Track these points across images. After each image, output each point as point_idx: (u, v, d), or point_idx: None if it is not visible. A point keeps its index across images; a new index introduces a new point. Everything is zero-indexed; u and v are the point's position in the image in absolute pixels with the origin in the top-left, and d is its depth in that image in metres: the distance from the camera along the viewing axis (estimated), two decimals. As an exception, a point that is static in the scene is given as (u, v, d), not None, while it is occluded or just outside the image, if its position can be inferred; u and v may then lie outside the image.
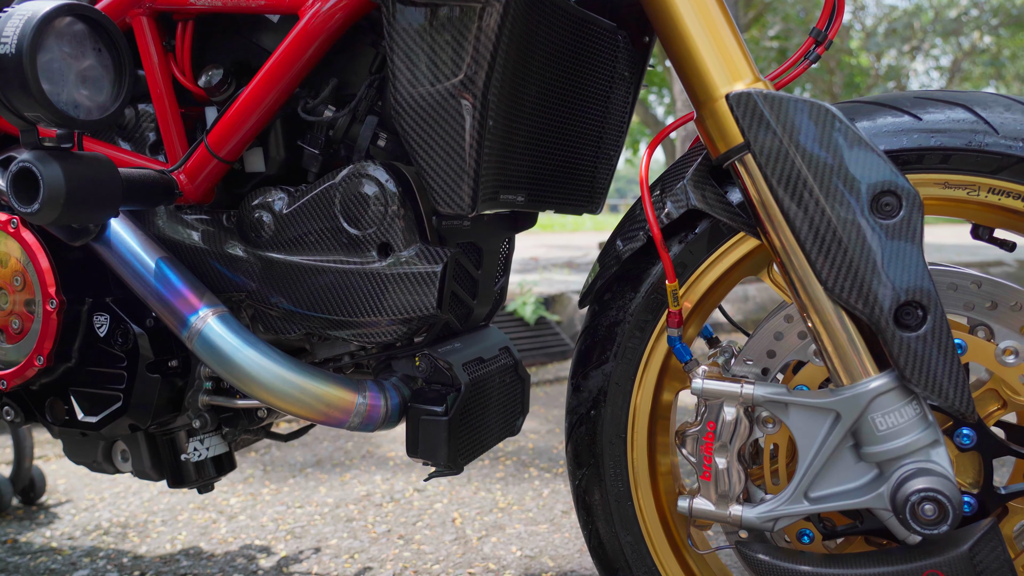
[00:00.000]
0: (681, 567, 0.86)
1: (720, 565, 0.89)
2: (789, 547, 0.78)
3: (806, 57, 0.79)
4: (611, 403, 0.86)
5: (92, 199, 0.78)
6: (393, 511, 1.68)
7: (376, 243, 0.84)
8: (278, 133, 0.90)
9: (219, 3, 0.86)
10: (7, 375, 0.97)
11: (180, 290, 0.88)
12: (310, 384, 0.86)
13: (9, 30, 0.71)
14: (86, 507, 1.74)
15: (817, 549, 0.78)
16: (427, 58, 0.71)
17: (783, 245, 0.71)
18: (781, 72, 0.80)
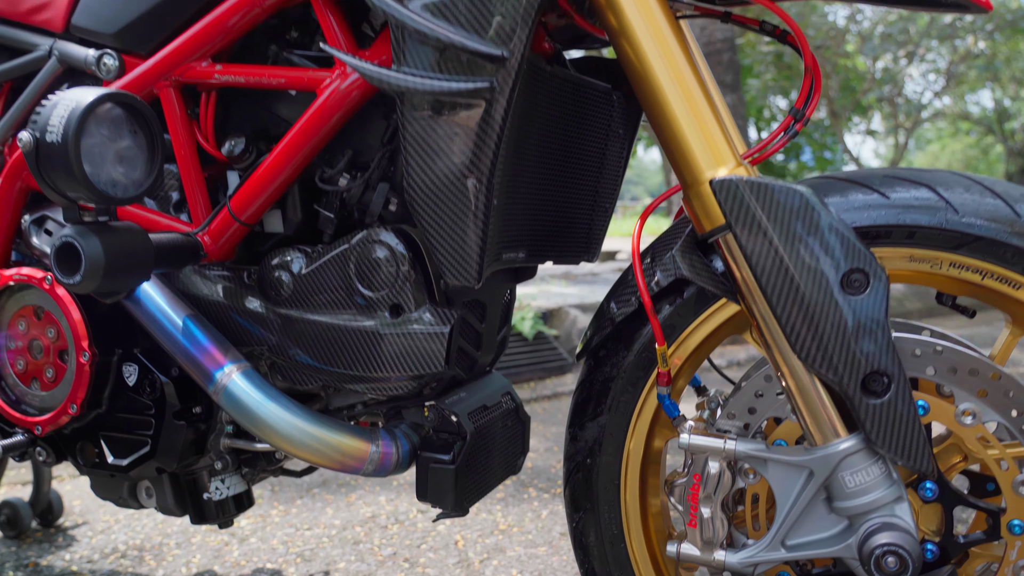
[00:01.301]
0: (671, 604, 0.92)
1: (707, 600, 0.96)
2: (769, 588, 0.85)
3: (785, 133, 0.86)
4: (606, 452, 0.93)
5: (128, 268, 0.84)
6: (398, 533, 1.74)
7: (388, 304, 0.91)
8: (296, 198, 0.97)
9: (241, 79, 0.93)
10: (42, 421, 1.04)
11: (206, 347, 0.95)
12: (328, 435, 0.92)
13: (55, 119, 0.78)
14: (102, 529, 1.80)
15: (795, 591, 0.85)
16: (437, 145, 0.77)
17: (760, 315, 0.78)
18: (761, 148, 0.87)
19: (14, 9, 1.12)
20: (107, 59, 0.99)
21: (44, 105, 0.79)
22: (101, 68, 1.00)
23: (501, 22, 0.73)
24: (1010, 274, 0.77)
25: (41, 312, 1.03)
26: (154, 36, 0.97)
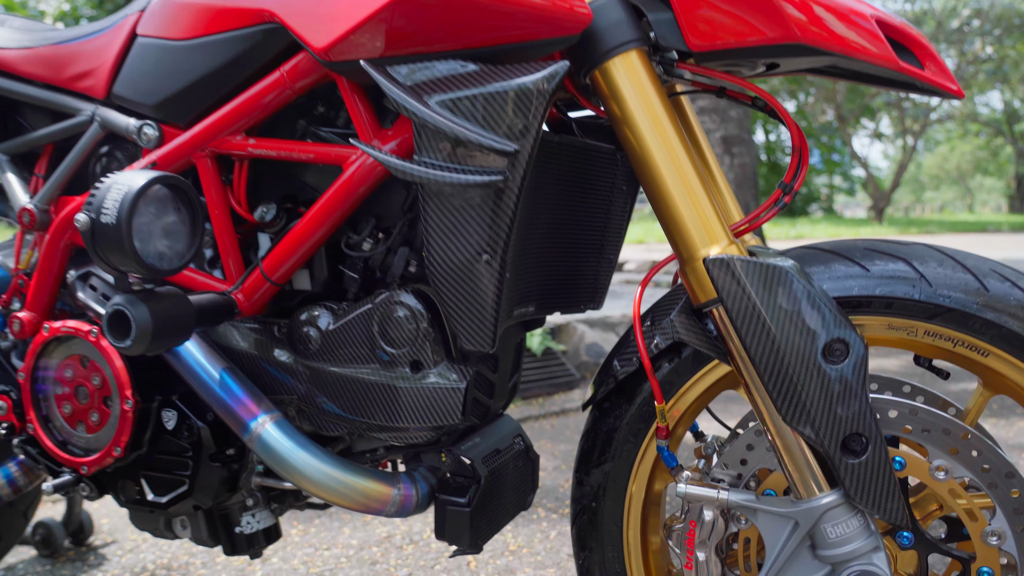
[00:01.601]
0: (670, 637, 1.00)
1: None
2: (760, 625, 0.93)
3: (776, 205, 0.94)
4: (609, 496, 1.00)
5: (172, 331, 0.92)
6: (413, 554, 1.82)
7: (408, 360, 0.98)
8: (322, 259, 1.05)
9: (272, 153, 1.01)
10: (88, 462, 1.12)
11: (240, 398, 1.03)
12: (354, 481, 1.00)
13: (109, 203, 0.86)
14: (131, 548, 1.89)
15: (783, 627, 0.92)
16: (454, 226, 0.85)
17: (748, 378, 0.85)
18: (752, 218, 0.94)
19: (58, 75, 1.20)
20: (147, 129, 1.08)
21: (98, 188, 0.87)
22: (142, 137, 1.08)
23: (513, 119, 0.81)
24: (979, 343, 0.85)
25: (87, 361, 1.12)
26: (192, 110, 1.05)
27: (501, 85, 0.81)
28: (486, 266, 0.86)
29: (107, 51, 1.15)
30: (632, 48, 0.86)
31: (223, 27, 0.99)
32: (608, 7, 0.87)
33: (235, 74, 1.00)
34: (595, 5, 0.87)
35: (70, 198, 1.17)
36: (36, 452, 1.17)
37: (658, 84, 0.87)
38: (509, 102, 0.81)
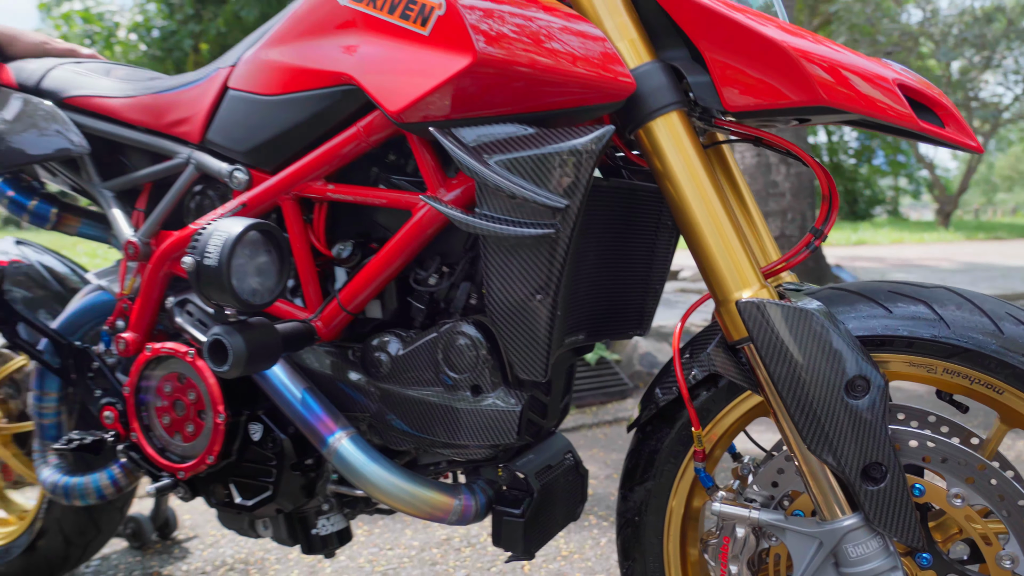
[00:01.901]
0: (706, 642, 1.09)
1: (738, 640, 1.12)
2: (788, 634, 1.01)
3: (807, 248, 1.02)
4: (651, 511, 1.10)
5: (262, 357, 1.05)
6: (470, 556, 1.94)
7: (469, 385, 1.09)
8: (393, 291, 1.17)
9: (349, 197, 1.13)
10: (184, 468, 1.26)
11: (319, 415, 1.15)
12: (420, 492, 1.12)
13: (212, 247, 0.98)
14: (211, 543, 2.04)
15: (810, 637, 1.00)
16: (511, 270, 0.95)
17: (776, 409, 0.93)
18: (785, 259, 1.03)
19: (157, 121, 1.34)
20: (238, 173, 1.21)
21: (201, 233, 1.00)
22: (233, 180, 1.21)
23: (564, 177, 0.91)
24: (995, 381, 0.92)
25: (184, 378, 1.25)
26: (278, 157, 1.17)
27: (554, 147, 0.91)
28: (539, 305, 0.97)
29: (201, 101, 1.28)
30: (672, 110, 0.96)
31: (307, 86, 1.11)
32: (651, 73, 0.96)
33: (317, 127, 1.12)
34: (638, 71, 0.96)
35: (168, 232, 1.31)
36: (139, 457, 1.31)
37: (696, 142, 0.96)
38: (561, 162, 0.91)
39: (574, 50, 0.93)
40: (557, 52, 0.92)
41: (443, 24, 0.93)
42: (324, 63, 1.08)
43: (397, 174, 1.14)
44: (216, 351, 1.02)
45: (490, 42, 0.91)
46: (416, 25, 0.96)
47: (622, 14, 0.98)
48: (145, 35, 12.66)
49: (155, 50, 12.66)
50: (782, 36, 0.91)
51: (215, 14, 12.09)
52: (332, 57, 1.07)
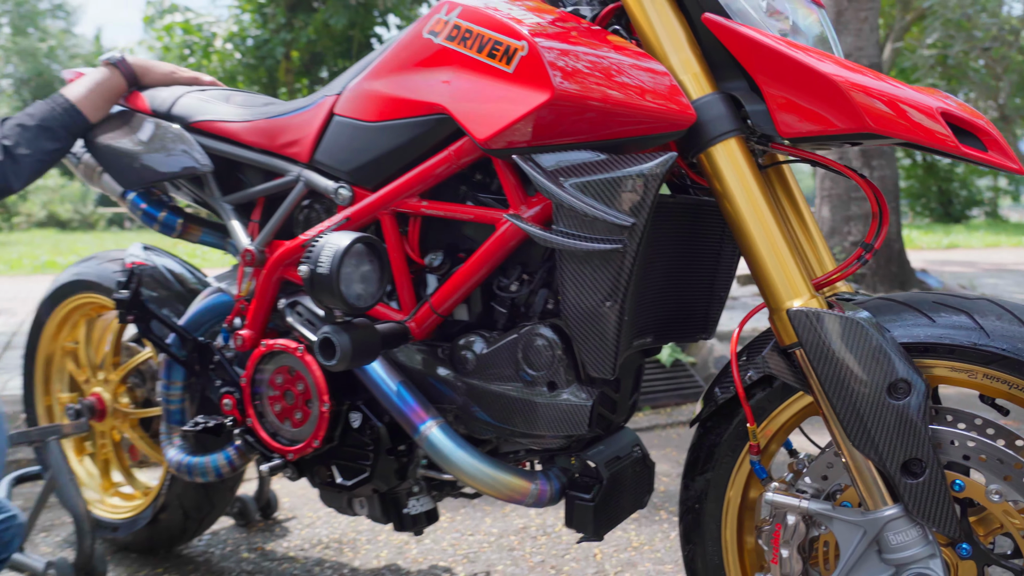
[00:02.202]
0: (760, 621, 1.19)
1: (792, 621, 1.21)
2: (835, 615, 1.10)
3: (858, 260, 1.11)
4: (711, 499, 1.20)
5: (364, 353, 1.20)
6: (546, 544, 2.06)
7: (546, 381, 1.21)
8: (478, 296, 1.30)
9: (440, 212, 1.27)
10: (293, 450, 1.42)
11: (412, 405, 1.29)
12: (501, 476, 1.25)
13: (324, 257, 1.14)
14: (308, 524, 2.23)
15: (856, 618, 1.09)
16: (584, 280, 1.08)
17: (825, 408, 1.03)
18: (833, 273, 1.12)
19: (271, 143, 1.51)
20: (342, 190, 1.36)
21: (314, 245, 1.15)
22: (338, 196, 1.37)
23: (631, 198, 1.02)
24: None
25: (294, 371, 1.42)
26: (378, 177, 1.32)
27: (622, 172, 1.03)
28: (608, 310, 1.08)
29: (310, 125, 1.44)
30: (731, 137, 1.06)
31: (404, 114, 1.25)
32: (711, 103, 1.07)
33: (412, 151, 1.26)
34: (700, 102, 1.07)
35: (280, 242, 1.48)
36: (253, 440, 1.48)
37: (752, 165, 1.07)
38: (628, 185, 1.03)
39: (641, 85, 1.04)
40: (626, 87, 1.03)
41: (525, 63, 1.06)
42: (420, 94, 1.22)
43: (483, 192, 1.27)
44: (326, 347, 1.18)
45: (566, 79, 1.03)
46: (501, 63, 1.09)
47: (686, 50, 1.09)
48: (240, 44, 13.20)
49: (249, 58, 13.19)
50: (832, 69, 1.00)
51: (306, 22, 12.54)
52: (427, 89, 1.21)
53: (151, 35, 14.23)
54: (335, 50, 13.13)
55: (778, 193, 1.25)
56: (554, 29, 1.10)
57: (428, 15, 1.24)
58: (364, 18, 12.63)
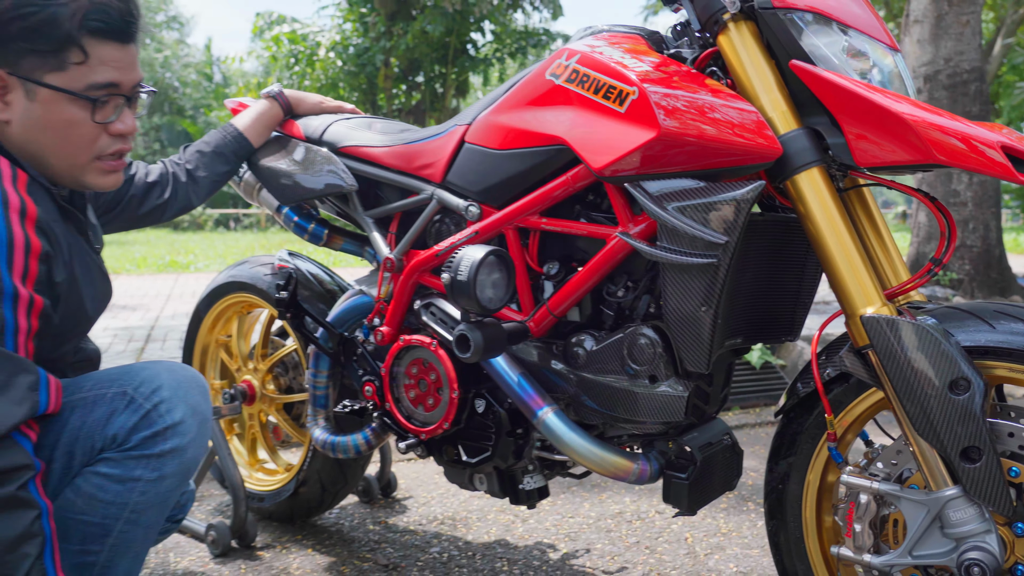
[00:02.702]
0: (836, 589, 1.35)
1: (865, 591, 1.37)
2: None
3: (928, 273, 1.26)
4: (793, 481, 1.37)
5: (494, 348, 1.42)
6: (640, 527, 2.25)
7: (647, 375, 1.41)
8: (588, 301, 1.51)
9: (557, 228, 1.47)
10: (426, 431, 1.65)
11: (531, 393, 1.51)
12: (607, 456, 1.45)
13: (462, 267, 1.36)
14: (424, 502, 2.48)
15: (921, 587, 1.24)
16: (683, 288, 1.26)
17: (894, 402, 1.19)
18: (908, 283, 1.28)
19: (408, 165, 1.74)
20: (472, 208, 1.58)
21: (454, 257, 1.38)
22: (468, 212, 1.59)
23: (725, 220, 1.21)
24: (1080, 385, 1.13)
25: (427, 363, 1.65)
26: (504, 197, 1.54)
27: (717, 197, 1.22)
28: (704, 315, 1.27)
29: (443, 150, 1.67)
30: (813, 166, 1.23)
31: (528, 144, 1.46)
32: (796, 137, 1.24)
33: (534, 175, 1.48)
34: (786, 136, 1.24)
35: (416, 251, 1.71)
36: (391, 422, 1.73)
37: (832, 190, 1.23)
38: (722, 208, 1.21)
39: (733, 122, 1.23)
40: (720, 124, 1.22)
41: (636, 105, 1.26)
42: (542, 127, 1.43)
43: (594, 211, 1.48)
44: (462, 343, 1.40)
45: (670, 118, 1.22)
46: (615, 104, 1.29)
47: (775, 91, 1.27)
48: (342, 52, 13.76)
49: (350, 66, 13.74)
50: (904, 109, 1.16)
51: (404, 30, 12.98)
52: (548, 123, 1.42)
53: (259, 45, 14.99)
54: (432, 56, 13.55)
55: (858, 212, 1.41)
56: (658, 74, 1.29)
57: (550, 59, 1.45)
58: (460, 25, 13.00)
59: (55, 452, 1.24)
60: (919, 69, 5.36)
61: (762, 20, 1.28)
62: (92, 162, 1.29)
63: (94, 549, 1.25)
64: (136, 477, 1.24)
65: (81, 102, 1.24)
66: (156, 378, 1.29)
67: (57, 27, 1.19)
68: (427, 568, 2.01)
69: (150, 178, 1.77)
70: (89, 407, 1.26)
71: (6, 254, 1.13)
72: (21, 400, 1.12)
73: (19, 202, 1.17)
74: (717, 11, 1.30)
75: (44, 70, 1.21)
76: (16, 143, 1.25)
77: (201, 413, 1.31)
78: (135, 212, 1.76)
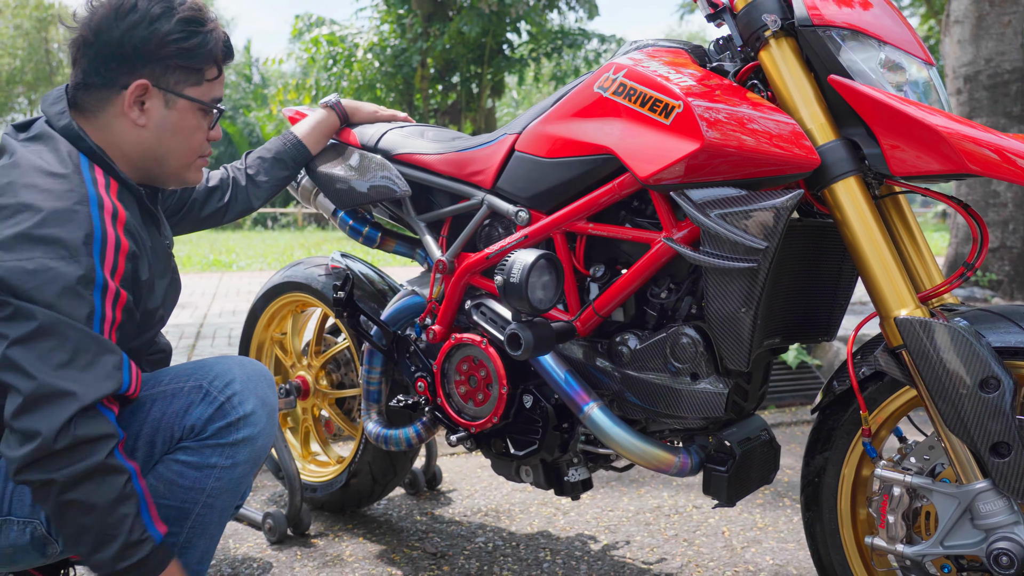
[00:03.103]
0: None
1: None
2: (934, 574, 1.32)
3: (960, 278, 1.32)
4: (828, 475, 1.44)
5: (543, 346, 1.50)
6: (678, 521, 2.32)
7: (689, 372, 1.48)
8: (632, 302, 1.58)
9: (603, 233, 1.55)
10: (476, 425, 1.74)
11: (577, 390, 1.59)
12: (650, 449, 1.52)
13: (515, 270, 1.44)
14: (467, 495, 2.57)
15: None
16: (724, 290, 1.34)
17: (927, 399, 1.25)
18: (941, 286, 1.34)
19: (459, 171, 1.83)
20: (522, 213, 1.67)
21: (507, 260, 1.47)
22: (518, 217, 1.68)
23: (764, 225, 1.28)
24: (1107, 385, 1.18)
25: (477, 360, 1.74)
26: (552, 203, 1.62)
27: (758, 205, 1.29)
28: (744, 315, 1.34)
29: (493, 158, 1.76)
30: (850, 176, 1.30)
31: (576, 153, 1.54)
32: (834, 148, 1.31)
33: (582, 183, 1.56)
34: (824, 147, 1.31)
35: (466, 254, 1.80)
36: (442, 416, 1.82)
37: (868, 198, 1.30)
38: (762, 216, 1.28)
39: (773, 134, 1.30)
40: (761, 136, 1.29)
41: (681, 118, 1.33)
42: (590, 137, 1.51)
43: (639, 216, 1.55)
44: (513, 341, 1.49)
45: (714, 130, 1.30)
46: (660, 116, 1.37)
47: (814, 104, 1.34)
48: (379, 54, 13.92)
49: (388, 67, 13.90)
50: (938, 121, 1.23)
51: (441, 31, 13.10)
52: (596, 134, 1.50)
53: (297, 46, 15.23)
54: (468, 57, 13.68)
55: (893, 218, 1.47)
56: (702, 88, 1.37)
57: (598, 73, 1.53)
58: (496, 25, 13.11)
59: (138, 442, 1.35)
60: (959, 70, 5.34)
61: (802, 37, 1.35)
62: (195, 161, 1.50)
63: (175, 531, 1.36)
64: (212, 464, 1.35)
65: (205, 112, 1.46)
66: (229, 372, 1.39)
67: (208, 50, 1.41)
68: (473, 556, 2.10)
69: (211, 183, 1.89)
70: (168, 399, 1.37)
71: (100, 250, 1.26)
72: (107, 376, 1.23)
73: (112, 207, 1.29)
74: (759, 28, 1.37)
75: (187, 84, 1.41)
76: (143, 146, 1.41)
77: (270, 404, 1.41)
78: (198, 214, 1.87)
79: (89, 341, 1.22)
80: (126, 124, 1.39)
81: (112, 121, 1.38)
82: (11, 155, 1.32)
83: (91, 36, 1.35)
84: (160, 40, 1.35)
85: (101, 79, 1.36)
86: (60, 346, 1.19)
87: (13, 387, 1.18)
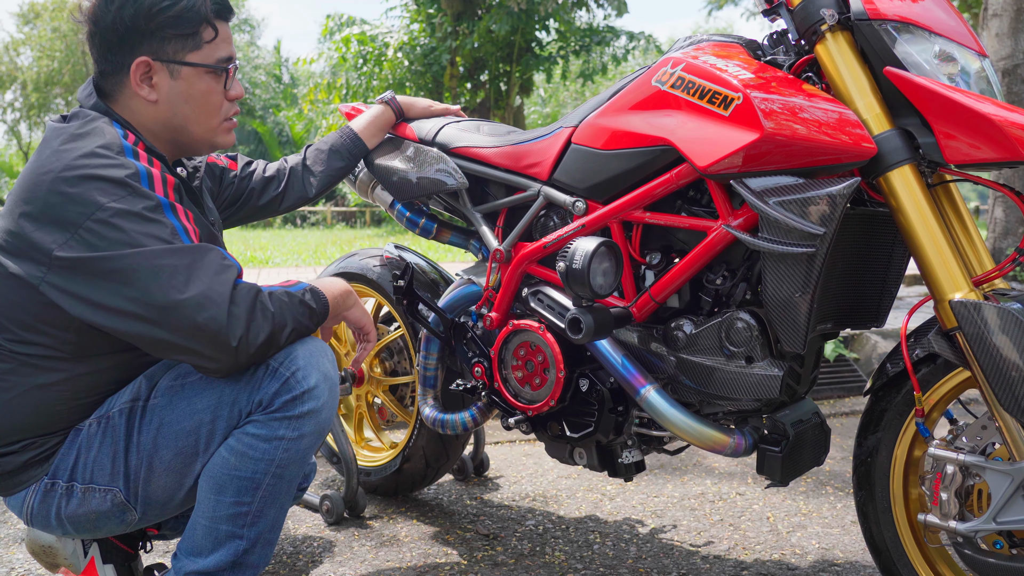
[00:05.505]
0: (922, 554, 1.46)
1: (946, 555, 1.48)
2: (986, 550, 1.36)
3: (1012, 263, 1.36)
4: (881, 454, 1.49)
5: (602, 330, 1.56)
6: (723, 507, 2.37)
7: (744, 356, 1.53)
8: (687, 288, 1.64)
9: (660, 222, 1.61)
10: (533, 408, 1.81)
11: (634, 373, 1.65)
12: (706, 430, 1.58)
13: (578, 257, 1.50)
14: (515, 481, 2.63)
15: (1004, 553, 1.35)
16: (782, 275, 1.39)
17: (980, 380, 1.29)
18: (993, 271, 1.38)
19: (516, 164, 1.90)
20: (579, 203, 1.73)
21: (569, 247, 1.53)
22: (575, 208, 1.74)
23: (822, 213, 1.33)
24: None
25: (534, 345, 1.80)
26: (609, 193, 1.68)
27: (815, 192, 1.34)
28: (800, 299, 1.39)
29: (550, 150, 1.82)
30: (904, 164, 1.35)
31: (634, 144, 1.60)
32: (889, 138, 1.36)
33: (639, 173, 1.61)
34: (880, 137, 1.36)
35: (523, 244, 1.87)
36: (499, 400, 1.88)
37: (923, 186, 1.35)
38: (820, 203, 1.33)
39: (830, 124, 1.35)
40: (818, 126, 1.34)
41: (740, 109, 1.38)
42: (648, 130, 1.57)
43: (695, 205, 1.61)
44: (574, 325, 1.55)
45: (772, 120, 1.35)
46: (719, 108, 1.42)
47: (869, 95, 1.39)
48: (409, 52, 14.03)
49: (417, 66, 14.01)
50: (992, 110, 1.27)
51: (470, 30, 13.18)
52: (653, 126, 1.56)
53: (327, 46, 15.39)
54: (497, 55, 13.75)
55: (945, 207, 1.51)
56: (760, 80, 1.42)
57: (655, 67, 1.58)
58: (525, 24, 13.17)
59: (211, 416, 1.43)
60: (998, 63, 5.33)
61: (858, 31, 1.40)
62: (221, 123, 1.54)
63: (246, 500, 1.43)
64: (280, 436, 1.42)
65: (214, 74, 1.48)
66: (292, 349, 1.46)
67: (196, 12, 1.43)
68: (525, 538, 2.16)
69: (267, 173, 1.97)
70: (236, 376, 1.44)
71: (148, 183, 1.36)
72: (224, 268, 1.35)
73: (147, 158, 1.41)
74: (816, 23, 1.42)
75: (185, 51, 1.44)
76: (161, 119, 1.47)
77: (331, 379, 1.48)
78: (256, 203, 1.96)
79: (186, 253, 1.32)
80: (140, 103, 1.46)
81: (130, 102, 1.46)
82: (50, 134, 1.43)
83: (92, 26, 1.43)
84: (147, 14, 1.39)
85: (111, 65, 1.44)
86: (172, 270, 1.29)
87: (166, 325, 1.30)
